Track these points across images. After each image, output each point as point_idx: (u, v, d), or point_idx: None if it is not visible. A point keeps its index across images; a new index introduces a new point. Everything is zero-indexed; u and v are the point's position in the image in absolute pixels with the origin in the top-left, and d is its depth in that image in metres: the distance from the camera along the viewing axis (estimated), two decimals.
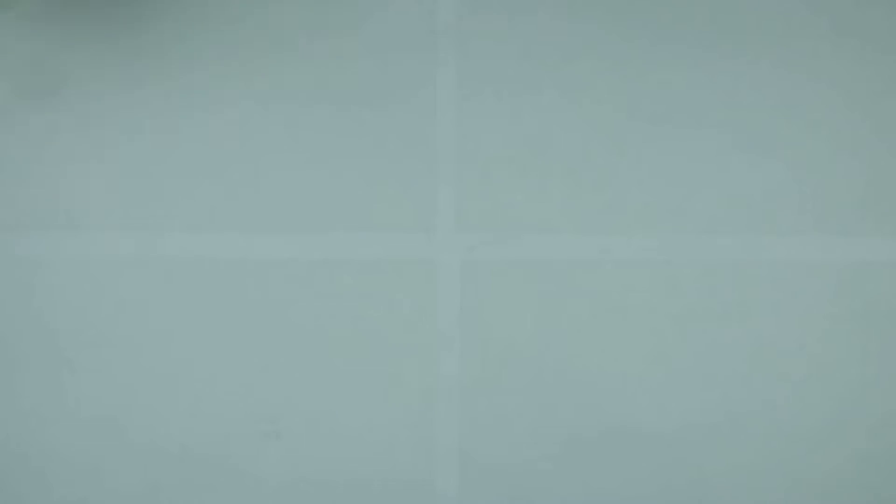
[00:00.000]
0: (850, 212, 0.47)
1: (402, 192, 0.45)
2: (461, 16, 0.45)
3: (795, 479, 0.45)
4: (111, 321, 0.44)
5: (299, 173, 0.44)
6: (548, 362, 0.45)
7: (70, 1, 0.44)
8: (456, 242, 0.44)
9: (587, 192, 0.45)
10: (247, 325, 0.44)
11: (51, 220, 0.44)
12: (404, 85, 0.45)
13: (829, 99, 0.47)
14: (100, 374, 0.44)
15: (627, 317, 0.45)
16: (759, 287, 0.46)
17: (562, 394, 0.44)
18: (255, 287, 0.44)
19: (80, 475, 0.44)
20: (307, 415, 0.44)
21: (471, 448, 0.44)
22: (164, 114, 0.44)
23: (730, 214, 0.46)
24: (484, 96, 0.45)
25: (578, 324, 0.45)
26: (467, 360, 0.44)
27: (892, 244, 0.46)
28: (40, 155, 0.44)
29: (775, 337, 0.46)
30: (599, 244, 0.45)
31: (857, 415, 0.46)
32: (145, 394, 0.44)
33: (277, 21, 0.44)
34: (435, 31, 0.45)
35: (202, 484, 0.44)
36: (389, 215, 0.45)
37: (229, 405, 0.44)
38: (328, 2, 0.44)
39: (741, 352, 0.46)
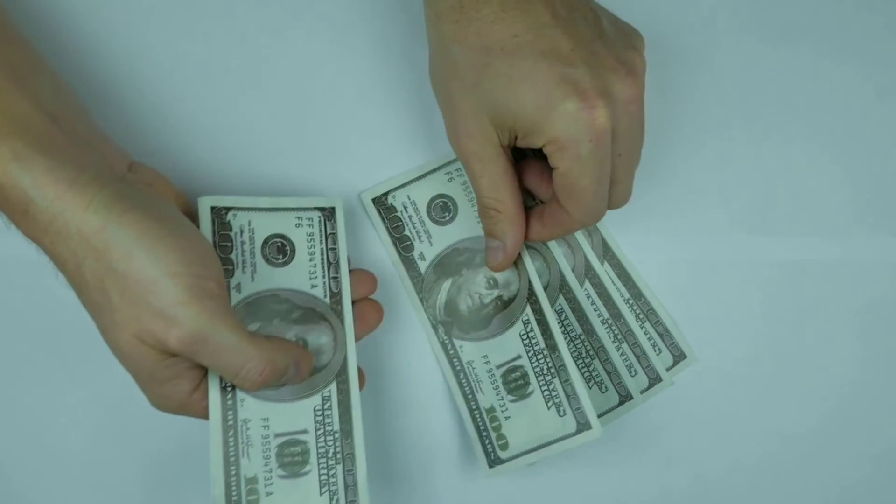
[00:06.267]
0: (850, 212, 0.47)
1: None
2: None
3: (795, 479, 0.45)
4: None
5: None
6: None
7: None
8: None
9: None
10: None
11: None
12: None
13: (828, 98, 0.47)
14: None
15: None
16: (756, 286, 0.46)
17: None
18: None
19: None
20: None
21: None
22: None
23: (729, 215, 0.46)
24: None
25: None
26: None
27: (892, 244, 0.46)
28: None
29: (773, 336, 0.46)
30: None
31: (857, 415, 0.46)
32: None
33: None
34: None
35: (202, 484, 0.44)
36: None
37: None
38: None
39: (739, 352, 0.46)
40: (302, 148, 0.44)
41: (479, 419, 0.42)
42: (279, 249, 0.40)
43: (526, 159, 0.41)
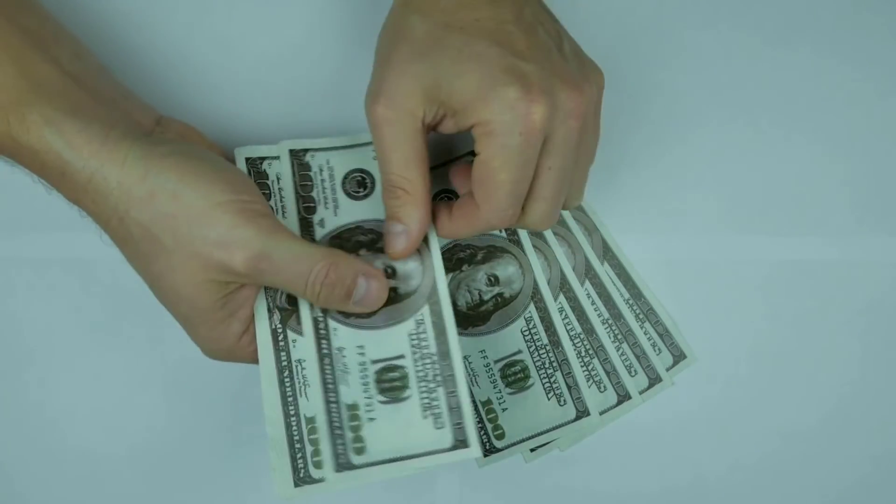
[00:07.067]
0: (850, 212, 0.47)
1: None
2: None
3: (795, 479, 0.45)
4: None
5: None
6: None
7: None
8: None
9: None
10: None
11: None
12: None
13: (828, 98, 0.47)
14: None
15: None
16: (756, 286, 0.46)
17: None
18: None
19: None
20: None
21: None
22: None
23: (727, 215, 0.46)
24: None
25: None
26: None
27: (892, 244, 0.46)
28: None
29: (773, 336, 0.46)
30: None
31: (857, 415, 0.46)
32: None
33: None
34: None
35: (202, 483, 0.44)
36: None
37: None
38: None
39: (739, 352, 0.46)
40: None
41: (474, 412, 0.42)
42: (359, 183, 0.41)
43: (456, 161, 0.42)
